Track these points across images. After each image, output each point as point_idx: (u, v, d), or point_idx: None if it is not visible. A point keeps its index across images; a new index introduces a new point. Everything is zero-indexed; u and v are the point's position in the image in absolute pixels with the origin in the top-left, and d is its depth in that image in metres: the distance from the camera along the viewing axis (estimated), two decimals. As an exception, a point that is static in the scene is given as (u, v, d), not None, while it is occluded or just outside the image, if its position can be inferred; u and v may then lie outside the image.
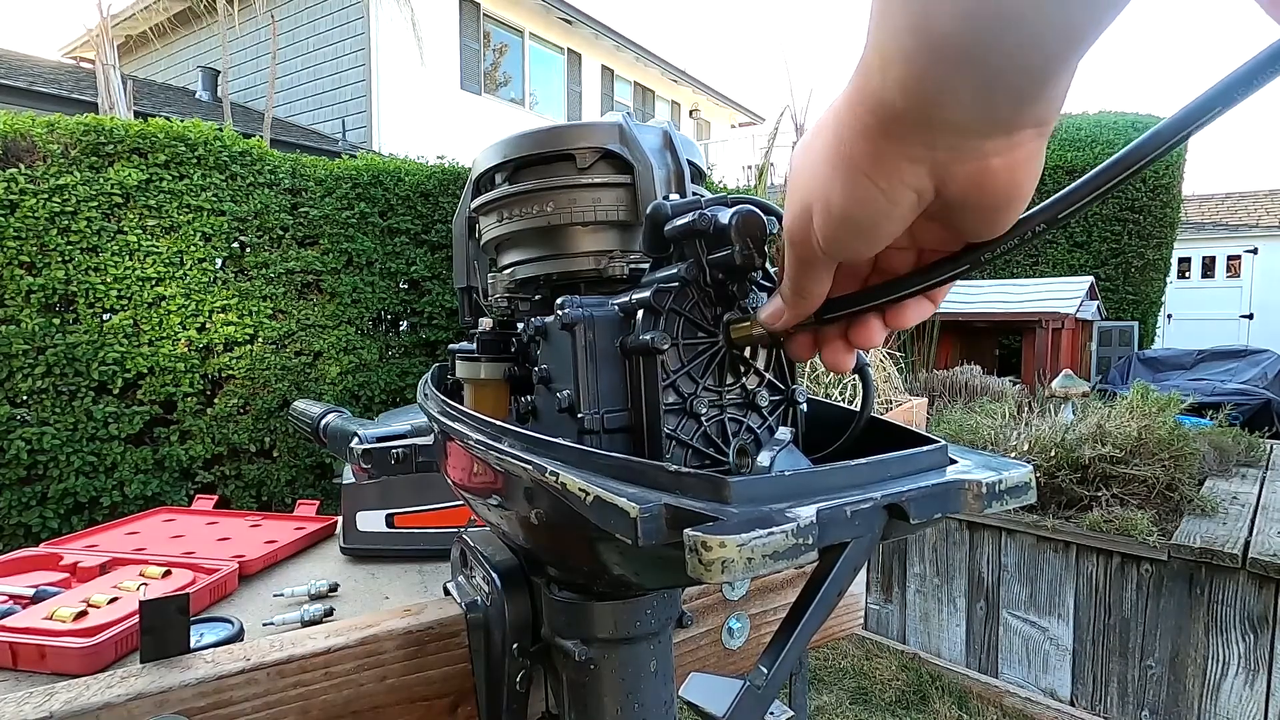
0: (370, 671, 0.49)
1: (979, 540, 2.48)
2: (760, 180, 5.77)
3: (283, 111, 8.86)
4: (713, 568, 0.22)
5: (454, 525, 0.74)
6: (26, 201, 2.72)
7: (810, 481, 0.28)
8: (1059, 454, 2.42)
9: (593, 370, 0.36)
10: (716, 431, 0.37)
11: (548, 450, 0.32)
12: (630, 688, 0.43)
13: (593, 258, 0.43)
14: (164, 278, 3.01)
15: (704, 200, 0.36)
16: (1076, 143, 7.15)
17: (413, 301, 3.78)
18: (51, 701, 0.40)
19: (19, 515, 2.75)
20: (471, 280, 0.53)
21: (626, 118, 0.43)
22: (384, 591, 0.68)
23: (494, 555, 0.49)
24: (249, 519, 0.89)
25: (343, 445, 0.63)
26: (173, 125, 3.06)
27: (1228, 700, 1.98)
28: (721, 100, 14.54)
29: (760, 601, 0.68)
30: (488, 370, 0.46)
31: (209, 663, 0.44)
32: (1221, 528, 2.14)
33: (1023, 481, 0.30)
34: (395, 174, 3.64)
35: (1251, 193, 12.45)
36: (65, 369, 2.82)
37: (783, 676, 0.27)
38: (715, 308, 0.37)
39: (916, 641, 2.67)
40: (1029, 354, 5.58)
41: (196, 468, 3.15)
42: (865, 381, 0.40)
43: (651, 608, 0.43)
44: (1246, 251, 11.11)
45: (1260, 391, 4.93)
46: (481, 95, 9.56)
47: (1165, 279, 7.42)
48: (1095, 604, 2.22)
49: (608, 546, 0.33)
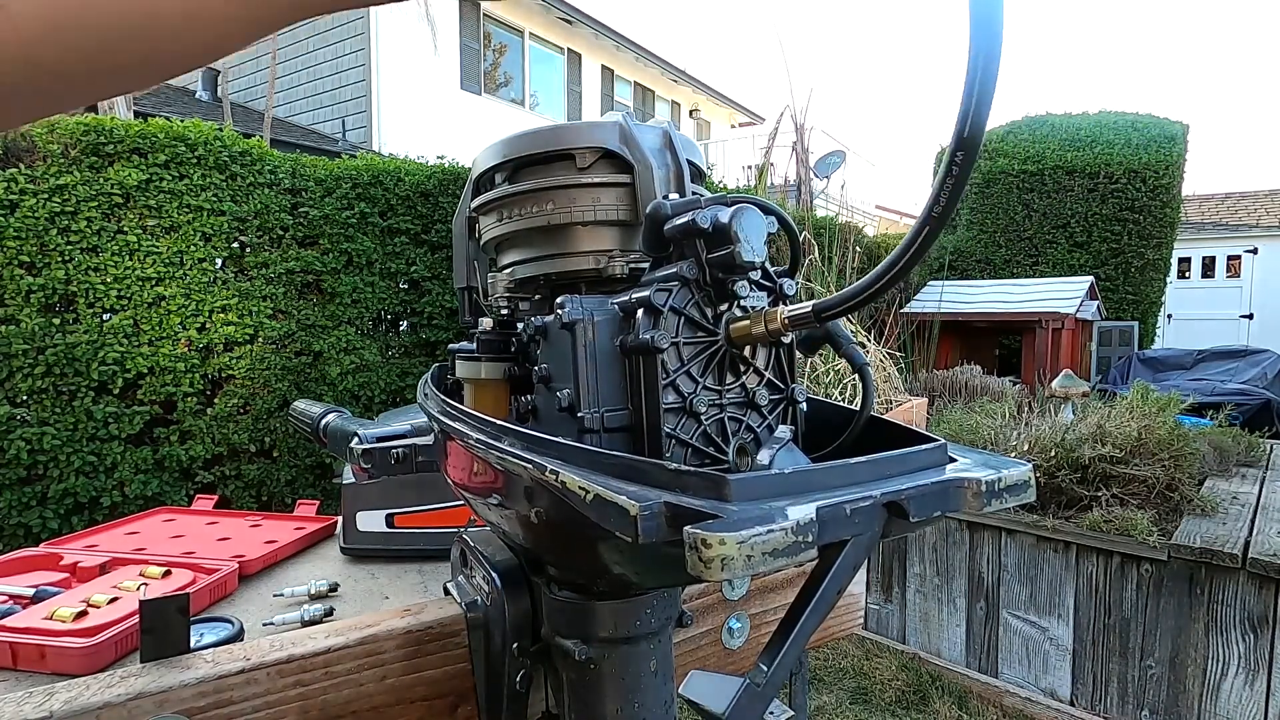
0: (370, 671, 0.49)
1: (979, 540, 2.48)
2: (760, 180, 5.77)
3: (283, 111, 8.86)
4: (712, 565, 0.22)
5: (454, 525, 0.74)
6: (26, 201, 2.72)
7: (810, 479, 0.28)
8: (1059, 454, 2.42)
9: (593, 369, 0.36)
10: (716, 430, 0.37)
11: (548, 449, 0.32)
12: (630, 687, 0.43)
13: (593, 257, 0.43)
14: (164, 278, 3.01)
15: (704, 200, 0.36)
16: (1076, 143, 7.15)
17: (413, 301, 3.78)
18: (51, 701, 0.40)
19: (19, 515, 2.75)
20: (471, 280, 0.53)
21: (626, 117, 0.43)
22: (384, 591, 0.68)
23: (494, 555, 0.49)
24: (249, 519, 0.89)
25: (343, 445, 0.63)
26: (173, 125, 3.06)
27: (1228, 700, 1.98)
28: (721, 100, 14.54)
29: (760, 601, 0.68)
30: (488, 370, 0.46)
31: (209, 663, 0.44)
32: (1221, 528, 2.14)
33: (1022, 480, 0.30)
34: (395, 174, 3.64)
35: (1251, 193, 12.45)
36: (65, 369, 2.81)
37: (782, 675, 0.27)
38: (715, 307, 0.37)
39: (916, 641, 2.67)
40: (1029, 354, 5.58)
41: (196, 468, 3.15)
42: (865, 381, 0.40)
43: (651, 607, 0.43)
44: (1246, 251, 11.11)
45: (1260, 391, 4.93)
46: (481, 95, 9.56)
47: (1165, 279, 7.42)
48: (1095, 604, 2.22)
49: (608, 545, 0.33)
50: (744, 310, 0.37)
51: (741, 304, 0.37)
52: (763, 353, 0.39)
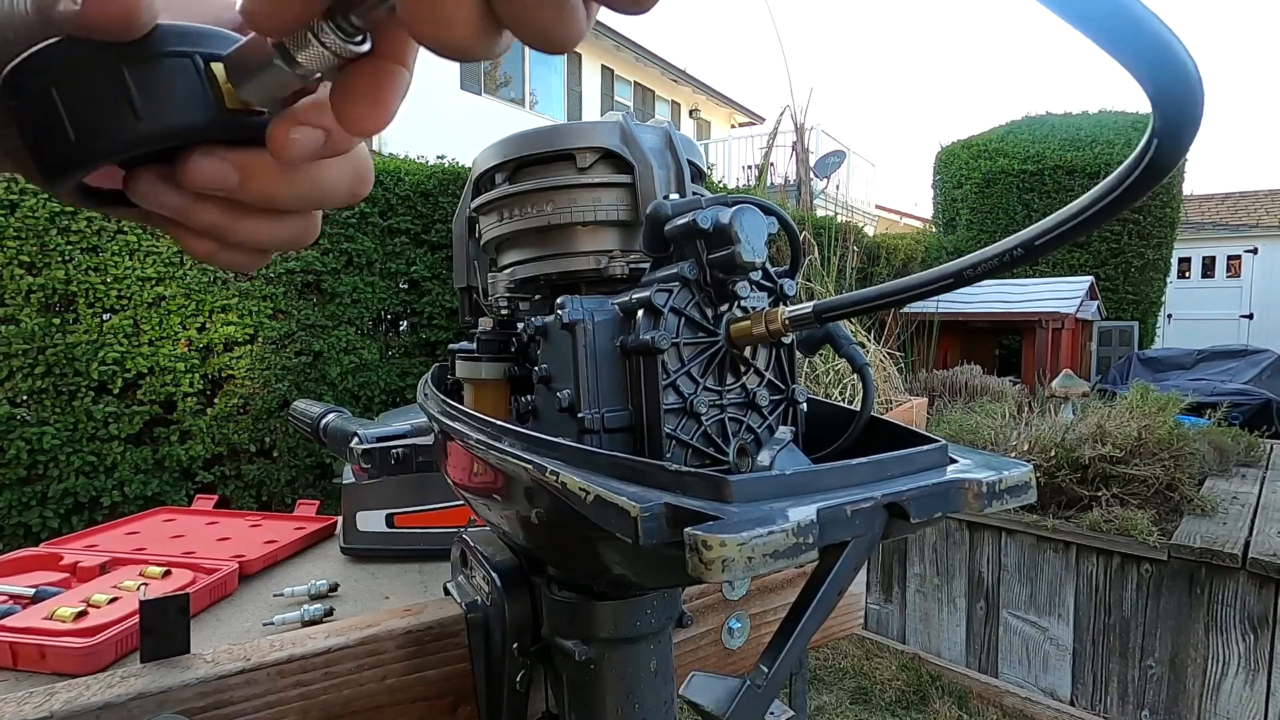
0: (370, 671, 0.49)
1: (979, 540, 2.48)
2: (760, 180, 5.77)
3: (283, 111, 8.85)
4: (713, 566, 0.22)
5: (454, 525, 0.74)
6: (26, 201, 2.72)
7: (810, 480, 0.28)
8: (1059, 454, 2.42)
9: (593, 370, 0.36)
10: (717, 431, 0.37)
11: (548, 450, 0.32)
12: (630, 688, 0.43)
13: (593, 257, 0.43)
14: (164, 278, 3.01)
15: (704, 200, 0.36)
16: (1076, 143, 7.15)
17: (413, 301, 3.78)
18: (51, 701, 0.40)
19: (19, 515, 2.75)
20: (471, 280, 0.53)
21: (626, 117, 0.43)
22: (384, 591, 0.68)
23: (494, 555, 0.49)
24: (249, 519, 0.89)
25: (343, 445, 0.63)
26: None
27: (1228, 700, 1.98)
28: (721, 100, 14.55)
29: (760, 601, 0.68)
30: (488, 370, 0.46)
31: (209, 663, 0.44)
32: (1221, 528, 2.14)
33: (1023, 481, 0.30)
34: (395, 174, 3.64)
35: (1251, 193, 12.45)
36: (65, 369, 2.82)
37: (783, 676, 0.27)
38: (715, 307, 0.37)
39: (916, 641, 2.67)
40: (1029, 354, 5.58)
41: (196, 468, 3.15)
42: (865, 381, 0.40)
43: (652, 607, 0.43)
44: (1246, 251, 11.11)
45: (1260, 391, 4.93)
46: (482, 95, 9.57)
47: (1165, 279, 7.42)
48: (1095, 604, 2.22)
49: (608, 546, 0.33)
50: (744, 311, 0.37)
51: (742, 304, 0.37)
52: (763, 353, 0.39)
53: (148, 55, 0.23)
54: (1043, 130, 7.46)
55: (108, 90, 0.23)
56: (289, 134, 0.24)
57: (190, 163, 0.25)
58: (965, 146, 7.93)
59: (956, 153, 7.98)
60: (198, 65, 0.24)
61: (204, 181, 0.25)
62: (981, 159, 7.61)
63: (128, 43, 0.23)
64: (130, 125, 0.23)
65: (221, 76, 0.24)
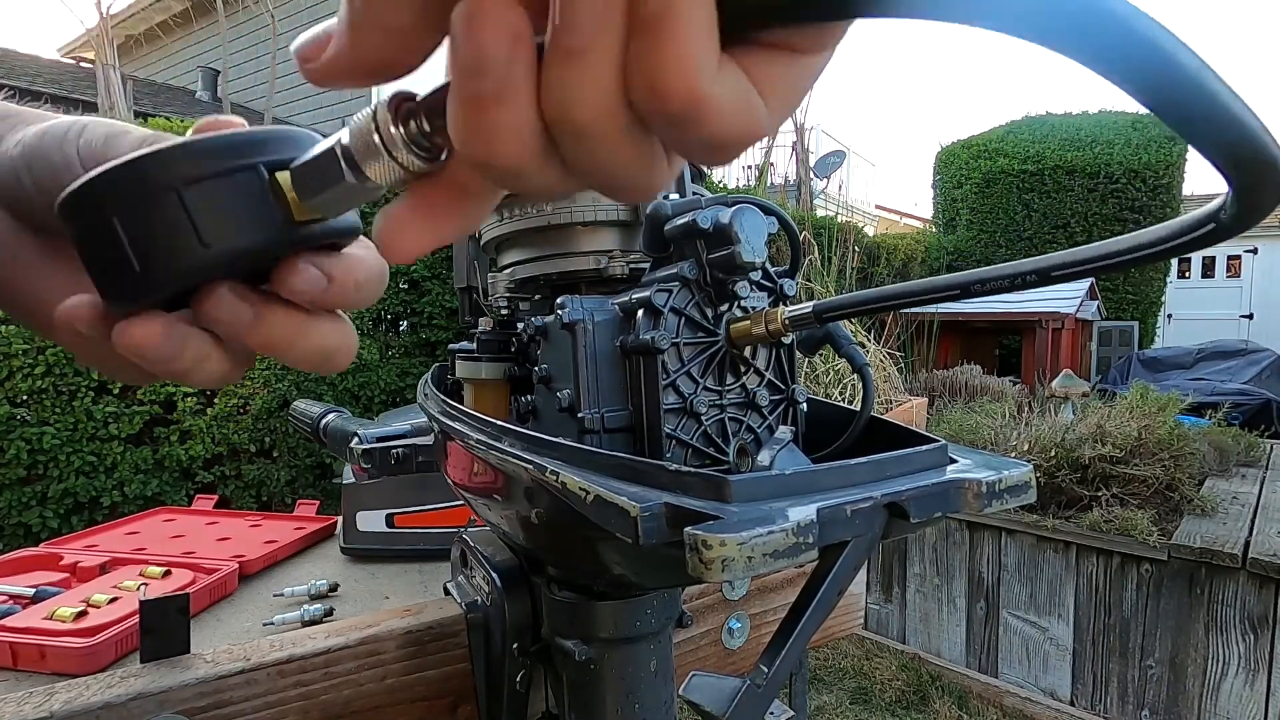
0: (370, 671, 0.49)
1: (979, 540, 2.48)
2: (760, 180, 5.77)
3: (283, 111, 8.86)
4: (713, 566, 0.22)
5: (454, 525, 0.74)
6: (26, 201, 2.72)
7: (810, 480, 0.28)
8: (1059, 454, 2.42)
9: (593, 370, 0.36)
10: (717, 431, 0.37)
11: (548, 450, 0.32)
12: (630, 688, 0.43)
13: (593, 257, 0.43)
14: (164, 278, 3.01)
15: (704, 200, 0.36)
16: (1076, 143, 7.15)
17: (413, 301, 3.77)
18: (51, 701, 0.40)
19: (19, 515, 2.75)
20: (471, 280, 0.53)
21: (626, 117, 0.43)
22: (384, 591, 0.68)
23: (494, 555, 0.49)
24: (249, 519, 0.89)
25: (343, 445, 0.63)
26: (173, 125, 3.06)
27: (1228, 700, 1.98)
28: (721, 100, 14.52)
29: (760, 601, 0.68)
30: (488, 370, 0.46)
31: (209, 663, 0.44)
32: (1221, 528, 2.14)
33: (1022, 480, 0.30)
34: (395, 174, 3.64)
35: (1251, 193, 12.43)
36: (65, 369, 2.81)
37: (783, 676, 0.27)
38: (715, 307, 0.37)
39: (916, 641, 2.67)
40: (1029, 354, 5.58)
41: (196, 468, 3.15)
42: (865, 381, 0.40)
43: (652, 607, 0.43)
44: (1246, 251, 11.11)
45: (1260, 391, 4.93)
46: (481, 95, 9.55)
47: (1165, 279, 7.42)
48: (1095, 604, 2.22)
49: (608, 546, 0.33)
50: (744, 311, 0.37)
51: (742, 304, 0.37)
52: (763, 353, 0.39)
53: (209, 174, 0.22)
54: (1043, 130, 7.45)
55: (171, 218, 0.22)
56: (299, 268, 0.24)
57: (284, 271, 0.24)
58: (965, 146, 7.92)
59: (956, 153, 7.97)
60: (262, 178, 0.22)
61: (301, 289, 0.24)
62: (981, 159, 7.60)
63: (188, 161, 0.22)
64: (196, 253, 0.22)
65: (287, 184, 0.23)
